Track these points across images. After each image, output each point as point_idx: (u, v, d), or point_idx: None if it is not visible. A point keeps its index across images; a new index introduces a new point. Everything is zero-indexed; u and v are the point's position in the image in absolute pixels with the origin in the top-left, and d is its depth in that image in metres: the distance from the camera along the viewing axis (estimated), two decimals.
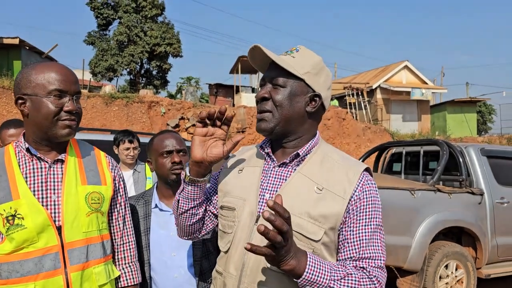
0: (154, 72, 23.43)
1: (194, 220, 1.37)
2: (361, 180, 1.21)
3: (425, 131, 20.72)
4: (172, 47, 21.95)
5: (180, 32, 27.00)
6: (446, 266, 4.38)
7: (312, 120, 1.30)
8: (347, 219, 1.18)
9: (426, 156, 5.75)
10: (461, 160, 4.84)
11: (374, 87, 21.31)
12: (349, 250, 1.17)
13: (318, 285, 1.05)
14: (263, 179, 1.28)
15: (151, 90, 16.60)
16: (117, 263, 1.57)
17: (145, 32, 21.69)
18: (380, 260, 1.16)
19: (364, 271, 1.14)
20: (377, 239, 1.18)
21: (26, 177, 1.38)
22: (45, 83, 1.35)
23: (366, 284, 1.11)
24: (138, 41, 21.40)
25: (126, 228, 1.61)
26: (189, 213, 1.35)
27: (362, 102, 19.91)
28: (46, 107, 1.35)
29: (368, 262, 1.15)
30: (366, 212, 1.19)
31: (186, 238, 1.45)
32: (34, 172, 1.39)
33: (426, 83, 22.91)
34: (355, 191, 1.19)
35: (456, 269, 4.45)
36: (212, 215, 1.45)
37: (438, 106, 23.22)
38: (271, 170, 1.29)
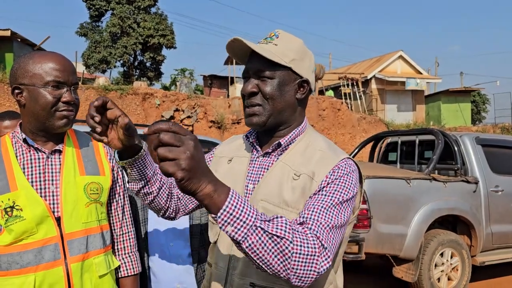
0: (148, 64, 23.24)
1: (151, 199, 1.34)
2: (340, 164, 1.16)
3: (420, 121, 20.79)
4: (165, 39, 21.75)
5: (174, 23, 26.79)
6: (442, 254, 4.43)
7: (301, 107, 1.28)
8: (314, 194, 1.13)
9: (421, 146, 5.77)
10: (456, 149, 4.87)
11: (369, 77, 21.31)
12: (304, 211, 1.07)
13: (242, 223, 0.87)
14: (250, 169, 1.27)
15: (145, 82, 16.47)
16: (117, 253, 1.57)
17: (138, 24, 21.46)
18: (326, 226, 1.03)
19: (305, 228, 1.01)
20: (330, 212, 1.06)
21: (24, 168, 1.36)
22: (42, 73, 1.33)
23: (302, 235, 0.96)
24: (131, 32, 21.18)
25: (126, 218, 1.60)
26: (142, 193, 1.32)
27: (357, 93, 19.91)
28: (44, 98, 1.33)
29: (313, 224, 1.02)
30: (332, 186, 1.12)
31: (163, 216, 1.43)
32: (31, 163, 1.38)
33: (421, 73, 22.94)
34: (331, 172, 1.14)
35: (451, 257, 4.50)
36: (187, 198, 1.43)
37: (432, 96, 23.28)
38: (255, 160, 1.28)
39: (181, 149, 0.80)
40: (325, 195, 1.10)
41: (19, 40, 15.82)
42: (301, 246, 0.94)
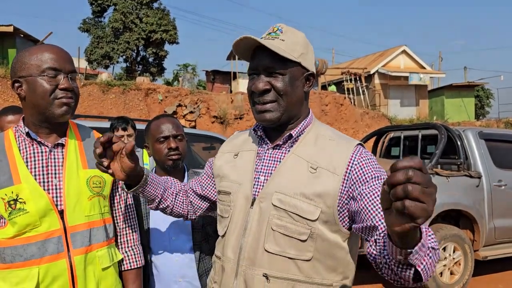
0: (151, 59, 23.23)
1: (169, 211, 1.49)
2: (356, 154, 1.19)
3: (423, 116, 20.73)
4: (168, 34, 21.72)
5: (176, 19, 26.75)
6: (444, 249, 4.43)
7: (307, 99, 1.30)
8: (351, 193, 1.14)
9: (424, 140, 5.75)
10: (459, 143, 4.86)
11: (372, 72, 21.22)
12: (374, 210, 1.06)
13: (425, 249, 0.88)
14: (258, 162, 1.28)
15: (147, 78, 16.49)
16: (120, 246, 1.58)
17: (140, 19, 21.43)
18: None
19: None
20: None
21: (27, 162, 1.37)
22: (38, 62, 1.34)
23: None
24: (133, 28, 21.16)
25: (128, 212, 1.61)
26: (160, 208, 1.47)
27: (360, 88, 19.84)
28: (41, 86, 1.34)
29: None
30: (370, 177, 1.13)
31: (186, 219, 1.59)
32: (34, 157, 1.39)
33: (424, 68, 22.83)
34: (351, 165, 1.16)
35: (454, 251, 4.50)
36: (203, 198, 1.51)
37: (436, 90, 23.17)
38: (265, 153, 1.28)
39: (432, 191, 0.73)
40: (374, 188, 1.10)
41: (22, 36, 15.85)
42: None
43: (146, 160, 3.77)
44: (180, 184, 1.54)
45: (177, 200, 1.49)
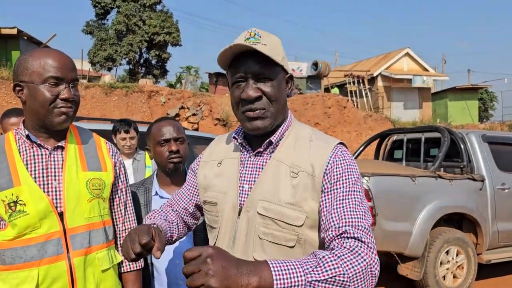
0: (153, 62, 23.30)
1: (173, 241, 1.41)
2: (333, 153, 1.17)
3: (427, 118, 20.67)
4: (171, 36, 21.79)
5: (179, 21, 26.83)
6: (447, 252, 4.41)
7: (286, 102, 1.28)
8: (324, 194, 1.14)
9: (427, 143, 5.73)
10: (462, 146, 4.84)
11: (375, 74, 21.21)
12: (331, 221, 1.08)
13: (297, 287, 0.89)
14: (241, 170, 1.25)
15: (150, 80, 16.52)
16: (119, 248, 1.58)
17: (143, 21, 21.51)
18: (364, 221, 1.07)
19: (347, 240, 1.02)
20: (355, 203, 1.10)
21: (27, 164, 1.38)
22: (41, 70, 1.33)
23: (348, 257, 0.96)
24: (136, 30, 21.24)
25: (128, 214, 1.61)
26: (173, 241, 1.40)
27: (363, 90, 19.83)
28: (42, 95, 1.34)
29: (351, 226, 1.05)
30: (342, 179, 1.13)
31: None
32: (34, 159, 1.39)
33: (428, 70, 22.79)
34: (328, 165, 1.15)
35: (457, 255, 4.47)
36: (195, 212, 1.47)
37: (439, 93, 23.13)
38: (247, 160, 1.26)
39: (202, 274, 0.85)
40: (339, 191, 1.11)
41: (26, 38, 15.93)
42: (354, 269, 0.95)
43: (148, 163, 3.77)
44: (163, 210, 1.45)
45: (178, 228, 1.42)
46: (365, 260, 0.97)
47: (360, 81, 20.14)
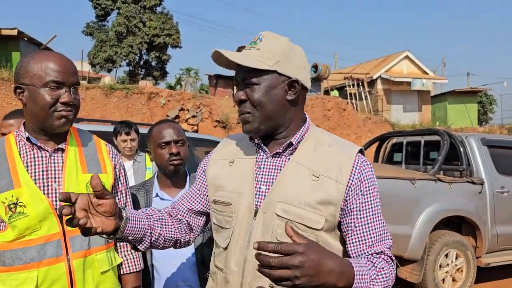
0: (153, 63, 23.35)
1: (162, 240, 1.30)
2: (357, 163, 1.19)
3: (426, 121, 20.69)
4: (171, 38, 21.83)
5: (179, 23, 26.88)
6: (446, 255, 4.41)
7: (296, 106, 1.25)
8: (349, 203, 1.17)
9: (426, 146, 5.74)
10: (461, 149, 4.84)
11: (374, 77, 21.24)
12: (363, 236, 1.18)
13: (366, 283, 1.04)
14: (257, 171, 1.24)
15: (150, 81, 16.53)
16: (119, 250, 1.58)
17: (144, 23, 21.55)
18: (389, 238, 1.21)
19: (382, 256, 1.17)
20: (382, 219, 1.21)
21: (27, 166, 1.38)
22: (42, 73, 1.33)
23: (390, 270, 1.14)
24: (137, 32, 21.28)
25: None
26: (153, 241, 1.27)
27: (362, 93, 19.85)
28: (42, 99, 1.34)
29: (383, 245, 1.18)
30: (369, 195, 1.19)
31: (178, 247, 1.40)
32: (34, 161, 1.39)
33: (427, 73, 22.83)
34: (353, 174, 1.17)
35: (456, 258, 4.47)
36: (201, 214, 1.39)
37: (439, 96, 23.16)
38: (264, 161, 1.24)
39: (293, 272, 0.90)
40: (367, 206, 1.19)
41: (26, 39, 15.93)
42: (392, 281, 1.14)
43: (149, 165, 3.78)
44: (162, 210, 1.38)
45: (166, 225, 1.31)
46: (392, 273, 1.15)
47: (360, 83, 20.16)
